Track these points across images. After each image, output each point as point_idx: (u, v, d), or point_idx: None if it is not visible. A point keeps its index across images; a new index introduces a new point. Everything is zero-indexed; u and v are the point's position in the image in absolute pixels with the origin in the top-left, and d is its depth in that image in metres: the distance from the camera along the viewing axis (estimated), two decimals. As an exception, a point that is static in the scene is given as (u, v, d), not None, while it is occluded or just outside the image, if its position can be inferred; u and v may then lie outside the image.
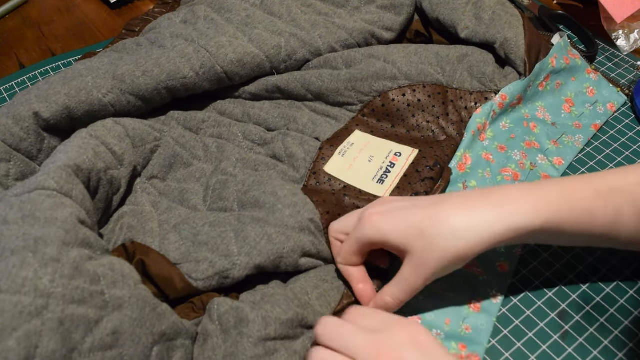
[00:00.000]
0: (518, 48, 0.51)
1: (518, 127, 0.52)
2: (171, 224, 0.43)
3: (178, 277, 0.38)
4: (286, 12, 0.58)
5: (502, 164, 0.50)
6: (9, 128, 0.43)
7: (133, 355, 0.31)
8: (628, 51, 0.61)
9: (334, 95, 0.53)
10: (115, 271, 0.33)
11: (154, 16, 0.65)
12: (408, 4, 0.60)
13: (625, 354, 0.39)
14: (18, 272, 0.29)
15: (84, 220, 0.35)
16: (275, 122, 0.53)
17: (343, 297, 0.40)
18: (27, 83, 0.61)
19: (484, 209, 0.35)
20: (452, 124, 0.51)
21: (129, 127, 0.47)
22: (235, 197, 0.44)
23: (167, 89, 0.50)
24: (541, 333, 0.40)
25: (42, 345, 0.28)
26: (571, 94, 0.56)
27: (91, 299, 0.31)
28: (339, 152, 0.49)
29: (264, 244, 0.38)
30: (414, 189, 0.45)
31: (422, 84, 0.52)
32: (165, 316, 0.34)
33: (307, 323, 0.37)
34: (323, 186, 0.47)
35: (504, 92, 0.50)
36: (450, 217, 0.35)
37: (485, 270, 0.43)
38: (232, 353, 0.33)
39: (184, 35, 0.54)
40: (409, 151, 0.48)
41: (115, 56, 0.53)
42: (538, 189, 0.36)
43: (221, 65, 0.51)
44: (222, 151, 0.50)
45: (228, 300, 0.36)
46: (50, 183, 0.36)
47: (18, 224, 0.32)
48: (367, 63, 0.53)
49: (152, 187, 0.48)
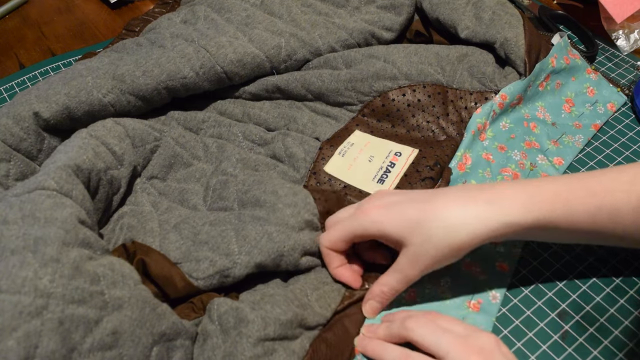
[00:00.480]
0: (518, 48, 0.51)
1: (518, 127, 0.52)
2: (171, 224, 0.43)
3: (178, 277, 0.38)
4: (286, 12, 0.58)
5: (502, 163, 0.50)
6: (9, 128, 0.43)
7: (133, 355, 0.31)
8: (628, 51, 0.61)
9: (334, 95, 0.53)
10: (115, 271, 0.33)
11: (154, 16, 0.65)
12: (408, 4, 0.60)
13: (625, 354, 0.39)
14: (18, 272, 0.29)
15: (84, 220, 0.35)
16: (275, 122, 0.53)
17: (344, 298, 0.40)
18: (27, 83, 0.61)
19: (478, 204, 0.35)
20: (452, 124, 0.51)
21: (129, 127, 0.47)
22: (236, 196, 0.44)
23: (167, 89, 0.50)
24: (541, 333, 0.40)
25: (41, 345, 0.28)
26: (571, 94, 0.56)
27: (91, 299, 0.31)
28: (339, 152, 0.49)
29: (265, 243, 0.38)
30: (414, 189, 0.45)
31: (422, 84, 0.52)
32: (165, 316, 0.34)
33: (306, 323, 0.37)
34: (323, 186, 0.47)
35: (504, 92, 0.50)
36: (446, 211, 0.35)
37: (485, 270, 0.42)
38: (231, 353, 0.33)
39: (184, 35, 0.54)
40: (409, 151, 0.48)
41: (115, 56, 0.53)
42: (532, 187, 0.36)
43: (221, 65, 0.51)
44: (222, 151, 0.50)
45: (228, 300, 0.36)
46: (50, 183, 0.36)
47: (18, 224, 0.32)
48: (367, 63, 0.53)
49: (152, 187, 0.48)
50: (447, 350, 0.33)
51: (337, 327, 0.38)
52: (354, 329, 0.39)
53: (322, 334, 0.37)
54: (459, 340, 0.33)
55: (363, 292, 0.40)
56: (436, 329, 0.35)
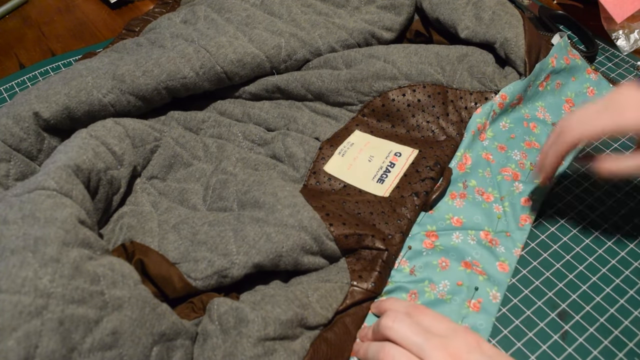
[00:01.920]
0: (518, 48, 0.51)
1: (518, 127, 0.52)
2: (171, 224, 0.43)
3: (177, 277, 0.38)
4: (286, 12, 0.58)
5: (502, 163, 0.50)
6: (9, 128, 0.43)
7: (133, 355, 0.31)
8: (628, 51, 0.61)
9: (334, 95, 0.53)
10: (115, 271, 0.33)
11: (154, 16, 0.65)
12: (408, 4, 0.60)
13: (625, 354, 0.39)
14: (18, 272, 0.29)
15: (83, 221, 0.35)
16: (275, 122, 0.53)
17: (347, 296, 0.40)
18: (27, 83, 0.61)
19: None
20: (452, 124, 0.51)
21: (129, 127, 0.47)
22: (235, 197, 0.44)
23: (167, 89, 0.50)
24: (541, 333, 0.40)
25: (41, 345, 0.28)
26: (571, 94, 0.56)
27: (91, 299, 0.31)
28: (339, 152, 0.49)
29: (263, 243, 0.38)
30: (413, 189, 0.45)
31: (422, 84, 0.52)
32: (165, 316, 0.34)
33: (306, 323, 0.37)
34: (323, 186, 0.47)
35: (504, 92, 0.50)
36: None
37: (485, 270, 0.43)
38: (231, 353, 0.33)
39: (184, 35, 0.54)
40: (409, 151, 0.49)
41: (115, 56, 0.53)
42: None
43: (221, 65, 0.51)
44: (222, 151, 0.50)
45: (228, 300, 0.36)
46: (50, 183, 0.36)
47: (18, 224, 0.32)
48: (367, 63, 0.53)
49: (152, 187, 0.48)
50: (427, 354, 0.33)
51: (338, 327, 0.38)
52: (355, 328, 0.39)
53: (322, 333, 0.37)
54: (441, 345, 0.33)
55: (364, 292, 0.40)
56: (419, 331, 0.34)
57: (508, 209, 0.46)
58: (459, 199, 0.47)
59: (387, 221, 0.43)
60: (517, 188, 0.48)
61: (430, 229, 0.45)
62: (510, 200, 0.47)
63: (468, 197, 0.47)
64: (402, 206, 0.45)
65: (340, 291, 0.40)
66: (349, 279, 0.40)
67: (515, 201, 0.47)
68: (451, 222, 0.45)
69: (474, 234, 0.45)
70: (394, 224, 0.43)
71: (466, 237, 0.44)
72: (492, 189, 0.48)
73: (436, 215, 0.46)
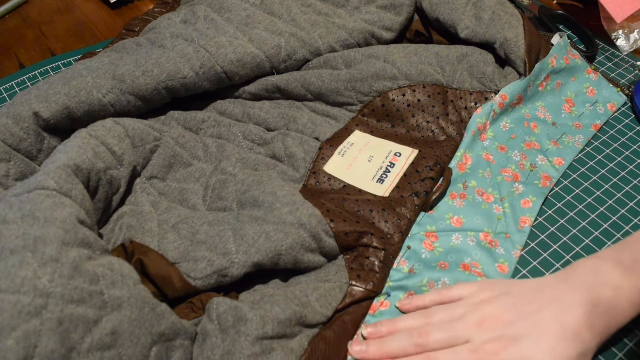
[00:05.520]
0: (518, 48, 0.51)
1: (519, 128, 0.52)
2: (170, 224, 0.43)
3: (177, 277, 0.38)
4: (286, 12, 0.58)
5: (502, 164, 0.50)
6: (9, 128, 0.43)
7: (132, 355, 0.31)
8: (628, 51, 0.61)
9: (334, 96, 0.53)
10: (115, 271, 0.33)
11: (154, 16, 0.65)
12: (408, 4, 0.60)
13: (625, 354, 0.39)
14: (17, 272, 0.29)
15: (83, 220, 0.35)
16: (275, 122, 0.53)
17: (346, 295, 0.40)
18: (27, 83, 0.61)
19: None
20: (452, 124, 0.51)
21: (129, 127, 0.47)
22: (235, 196, 0.44)
23: (167, 89, 0.50)
24: (541, 333, 0.40)
25: (41, 345, 0.28)
26: (571, 94, 0.56)
27: (90, 299, 0.31)
28: (339, 152, 0.49)
29: (262, 242, 0.38)
30: (413, 189, 0.45)
31: (422, 84, 0.52)
32: (165, 316, 0.34)
33: (306, 322, 0.37)
34: (323, 186, 0.47)
35: (504, 92, 0.50)
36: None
37: (485, 272, 0.42)
38: (229, 352, 0.33)
39: (184, 35, 0.54)
40: (409, 151, 0.49)
41: (115, 56, 0.53)
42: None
43: (221, 65, 0.51)
44: (222, 151, 0.50)
45: (227, 300, 0.36)
46: (50, 183, 0.36)
47: (17, 223, 0.32)
48: (367, 63, 0.53)
49: (152, 187, 0.48)
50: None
51: (337, 325, 0.38)
52: (354, 327, 0.39)
53: (321, 332, 0.37)
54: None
55: (363, 292, 0.40)
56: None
57: (508, 210, 0.46)
58: (459, 200, 0.47)
59: (387, 220, 0.43)
60: (518, 189, 0.48)
61: (430, 229, 0.45)
62: (511, 202, 0.47)
63: (468, 198, 0.47)
64: (402, 206, 0.45)
65: (340, 291, 0.40)
66: (347, 278, 0.40)
67: (516, 203, 0.47)
68: (451, 222, 0.45)
69: (473, 236, 0.44)
70: (394, 224, 0.43)
71: (466, 238, 0.44)
72: (492, 190, 0.48)
73: (436, 215, 0.46)
